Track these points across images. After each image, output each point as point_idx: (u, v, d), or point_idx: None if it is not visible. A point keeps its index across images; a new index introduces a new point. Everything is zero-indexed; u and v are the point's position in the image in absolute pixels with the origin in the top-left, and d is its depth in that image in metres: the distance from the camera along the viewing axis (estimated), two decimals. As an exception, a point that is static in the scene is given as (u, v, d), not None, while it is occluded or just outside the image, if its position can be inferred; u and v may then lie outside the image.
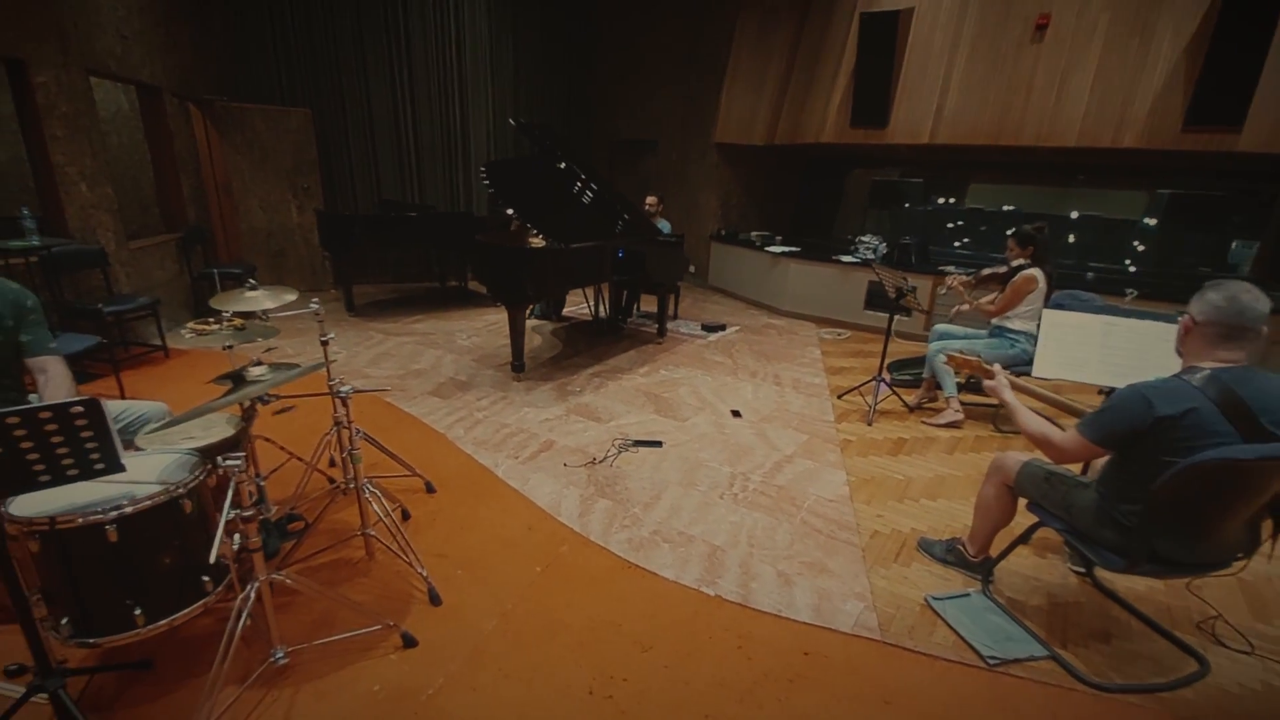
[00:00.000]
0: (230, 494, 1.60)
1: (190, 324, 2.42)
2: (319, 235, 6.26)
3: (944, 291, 4.02)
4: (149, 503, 1.60)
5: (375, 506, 2.29)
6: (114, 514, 1.54)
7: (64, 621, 1.59)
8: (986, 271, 3.79)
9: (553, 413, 3.84)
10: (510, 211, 4.57)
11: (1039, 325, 3.69)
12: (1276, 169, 4.99)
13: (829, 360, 5.21)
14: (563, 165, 4.58)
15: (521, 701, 1.80)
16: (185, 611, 1.69)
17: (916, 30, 5.81)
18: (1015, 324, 3.80)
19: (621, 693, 1.84)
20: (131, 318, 4.51)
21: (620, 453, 3.32)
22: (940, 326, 4.09)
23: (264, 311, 2.26)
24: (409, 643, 1.98)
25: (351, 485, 2.25)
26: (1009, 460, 2.24)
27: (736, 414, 3.94)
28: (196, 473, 1.75)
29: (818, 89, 6.61)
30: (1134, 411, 1.75)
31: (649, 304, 6.12)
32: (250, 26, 6.44)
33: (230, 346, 2.41)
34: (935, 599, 2.26)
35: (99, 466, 1.47)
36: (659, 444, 3.45)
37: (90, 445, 1.44)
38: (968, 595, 2.29)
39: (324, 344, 2.60)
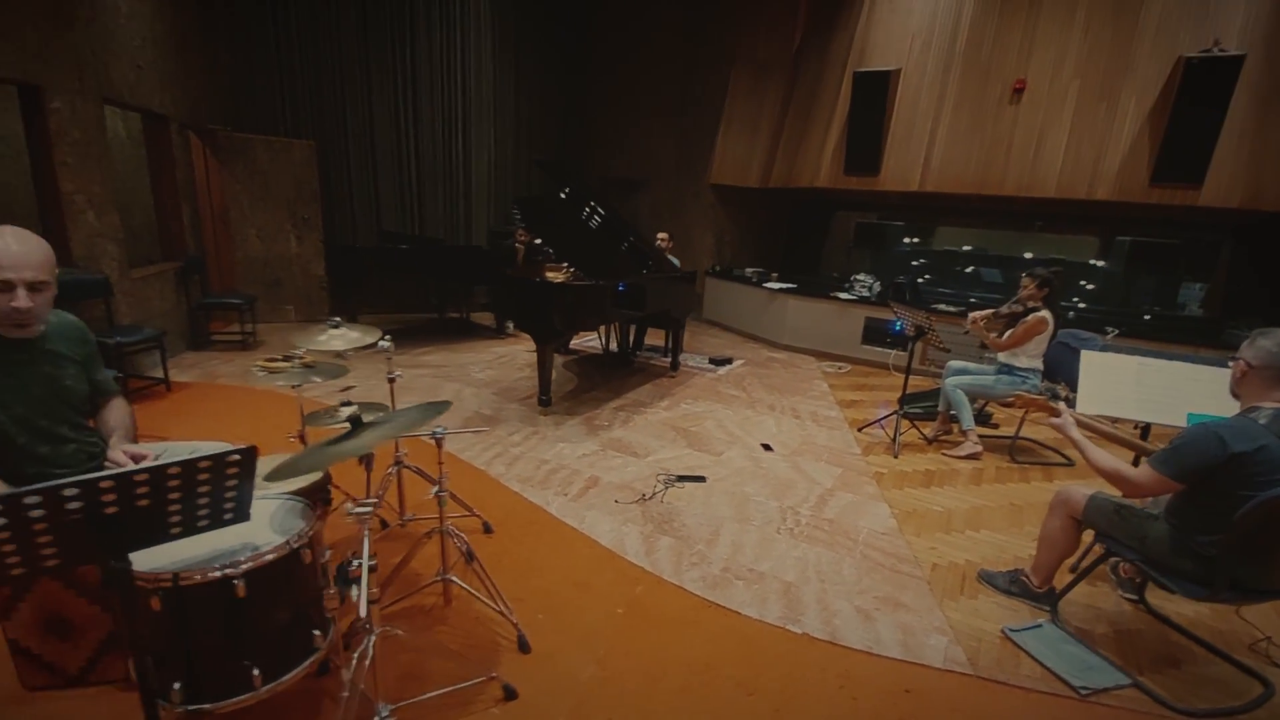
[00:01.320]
0: (365, 543, 1.56)
1: (260, 361, 2.34)
2: (328, 266, 6.14)
3: (966, 331, 4.22)
4: (273, 555, 1.54)
5: (456, 548, 2.24)
6: (245, 566, 1.48)
7: (175, 687, 1.48)
8: (1005, 309, 4.02)
9: (587, 448, 3.83)
10: (539, 242, 4.60)
11: (1043, 363, 3.98)
12: (1221, 218, 5.50)
13: (837, 394, 5.37)
14: (598, 208, 4.66)
15: (645, 748, 1.77)
16: (299, 669, 1.61)
17: (904, 89, 6.20)
18: (1023, 361, 4.01)
19: (739, 736, 1.83)
20: (137, 350, 4.31)
21: (667, 488, 3.34)
22: (954, 363, 4.28)
23: (349, 351, 2.22)
24: (509, 695, 1.92)
25: (404, 523, 2.18)
26: (1074, 494, 2.36)
27: (767, 447, 4.01)
28: (312, 521, 1.70)
29: (812, 137, 6.94)
30: (1208, 449, 1.89)
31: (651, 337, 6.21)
32: (258, 59, 6.40)
33: (298, 386, 2.35)
34: (1012, 631, 2.34)
35: (228, 516, 1.43)
36: (703, 479, 3.47)
37: (230, 494, 1.39)
38: (1040, 626, 2.38)
39: (391, 382, 2.58)
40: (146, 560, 1.46)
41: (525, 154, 8.64)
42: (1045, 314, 3.82)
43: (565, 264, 5.26)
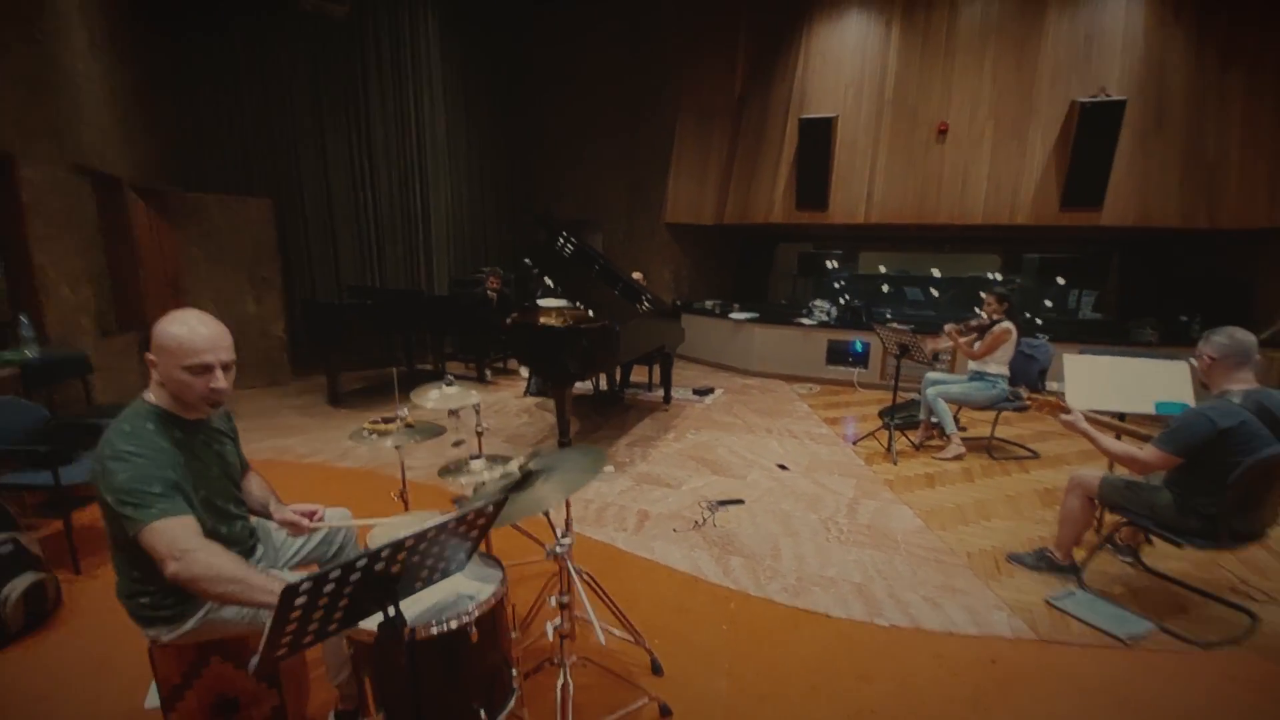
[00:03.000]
0: (576, 580, 1.69)
1: (367, 424, 2.39)
2: (303, 325, 5.97)
3: (945, 346, 4.74)
4: (493, 599, 1.64)
5: (577, 581, 2.35)
6: (476, 613, 1.57)
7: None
8: (974, 322, 4.57)
9: (623, 485, 3.98)
10: (549, 285, 4.75)
11: (1008, 368, 4.54)
12: (1114, 234, 6.48)
13: (818, 413, 5.79)
14: (597, 255, 4.90)
15: (805, 742, 1.96)
16: (511, 704, 1.71)
17: (843, 132, 6.90)
18: (992, 368, 4.57)
19: None
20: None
21: (714, 513, 3.55)
22: (931, 374, 4.78)
23: (461, 409, 2.31)
24: (665, 713, 2.06)
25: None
26: (1088, 477, 2.80)
27: (783, 467, 4.31)
28: (502, 567, 1.80)
29: (762, 177, 7.51)
30: (1202, 428, 2.35)
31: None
32: (206, 118, 6.23)
33: (399, 447, 2.41)
34: (1055, 600, 2.72)
35: (455, 567, 1.53)
36: (742, 501, 3.72)
37: (469, 545, 1.50)
38: (1074, 594, 2.77)
39: (479, 434, 2.68)
40: (371, 621, 1.53)
41: (482, 203, 8.76)
42: (1009, 325, 4.40)
43: (555, 309, 5.45)
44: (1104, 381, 3.27)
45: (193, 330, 1.57)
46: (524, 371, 7.16)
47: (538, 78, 9.15)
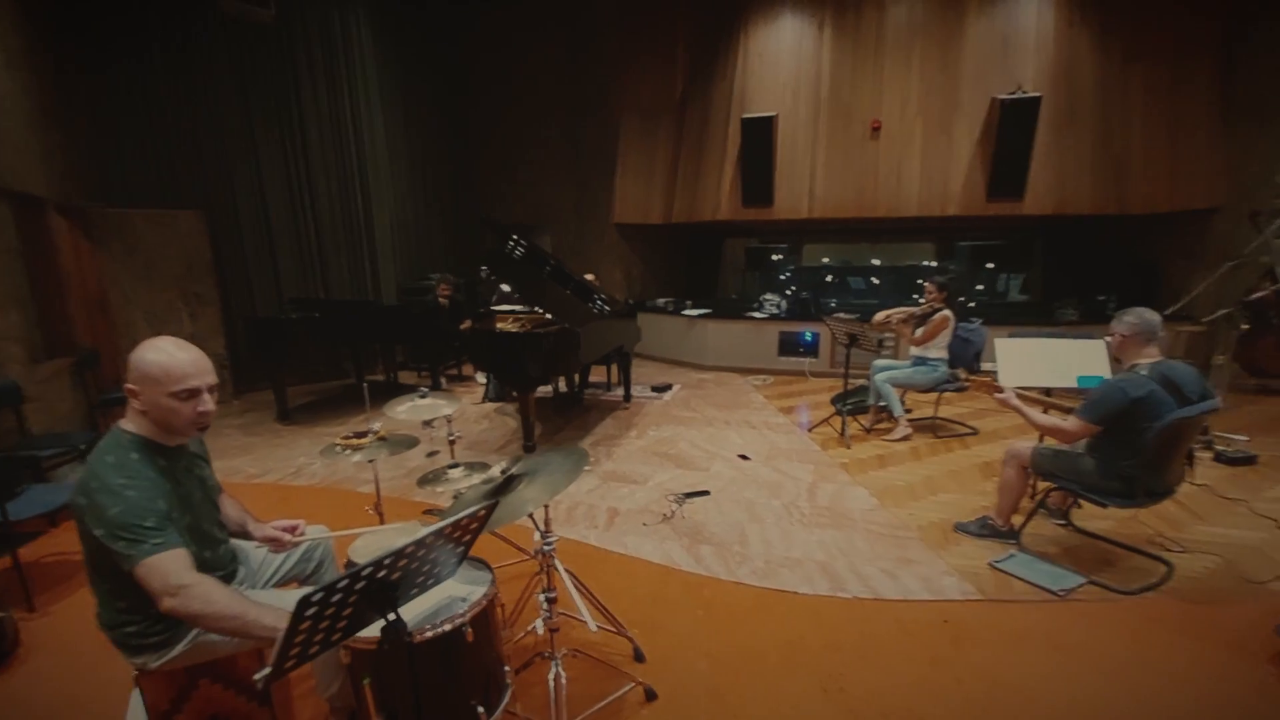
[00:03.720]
0: (565, 576, 1.76)
1: (339, 440, 2.40)
2: (247, 340, 5.78)
3: (891, 333, 5.00)
4: (485, 601, 1.70)
5: (562, 577, 2.42)
6: (470, 615, 1.63)
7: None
8: (919, 310, 4.84)
9: (590, 484, 4.06)
10: (505, 290, 4.77)
11: (948, 352, 4.84)
12: (1037, 222, 6.94)
13: (774, 403, 6.00)
14: (549, 258, 4.94)
15: (777, 713, 2.10)
16: (506, 699, 1.77)
17: (784, 131, 7.14)
18: (932, 353, 4.85)
19: (845, 686, 2.22)
20: (64, 461, 3.87)
21: (681, 506, 3.67)
22: (878, 362, 5.04)
23: (441, 419, 2.35)
24: (651, 696, 2.16)
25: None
26: (1021, 448, 3.05)
27: (745, 457, 4.48)
28: (490, 569, 1.86)
29: (708, 175, 7.69)
30: (1116, 398, 2.62)
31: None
32: (125, 129, 5.91)
33: (373, 461, 2.43)
34: (997, 562, 2.96)
35: (447, 572, 1.59)
36: (707, 493, 3.85)
37: (462, 550, 1.56)
38: (1014, 556, 3.02)
39: (451, 443, 2.72)
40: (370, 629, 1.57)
41: (427, 210, 8.64)
42: (948, 313, 4.69)
43: (511, 314, 5.48)
44: (1031, 360, 3.55)
45: (173, 356, 1.57)
46: (480, 378, 7.13)
47: (479, 80, 9.07)
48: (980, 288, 8.29)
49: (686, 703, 2.15)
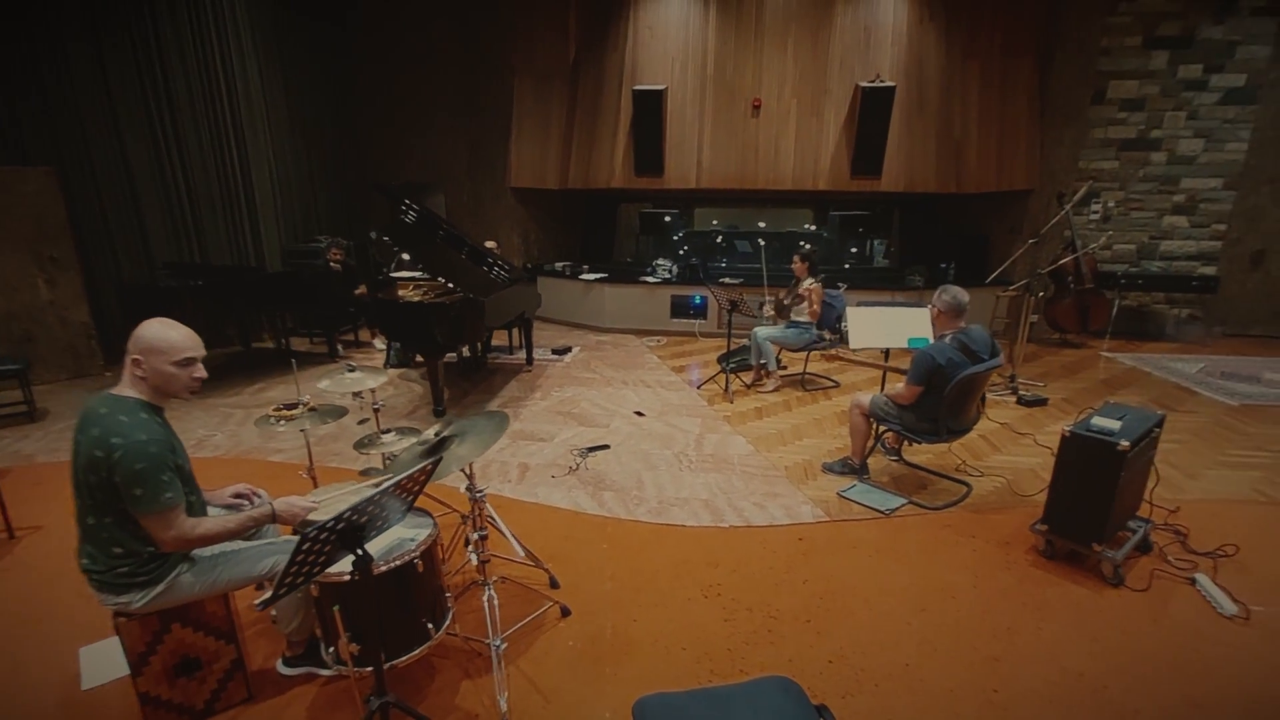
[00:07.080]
0: (497, 518, 2.13)
1: (272, 410, 2.59)
2: (124, 311, 5.43)
3: (769, 309, 5.63)
4: (430, 538, 2.05)
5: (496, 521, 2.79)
6: (420, 550, 1.98)
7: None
8: (800, 289, 5.48)
9: (501, 443, 4.38)
10: (409, 260, 4.85)
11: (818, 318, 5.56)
12: (893, 198, 7.88)
13: (667, 363, 6.55)
14: (443, 226, 5.05)
15: (673, 616, 2.63)
16: (449, 620, 2.15)
17: (672, 104, 7.51)
18: (803, 318, 5.56)
19: (721, 591, 2.79)
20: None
21: (585, 459, 4.11)
22: (759, 327, 5.69)
23: (371, 390, 2.58)
24: (565, 613, 2.62)
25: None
26: (863, 399, 3.74)
27: (640, 414, 4.98)
28: (432, 517, 2.20)
29: (602, 143, 7.94)
30: (926, 363, 3.33)
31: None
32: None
33: (305, 430, 2.64)
34: (842, 492, 3.67)
35: (396, 517, 1.92)
36: (608, 446, 4.32)
37: (409, 500, 1.89)
38: (855, 485, 3.75)
39: (376, 411, 2.98)
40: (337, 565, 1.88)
41: (311, 170, 8.23)
42: (819, 284, 5.38)
43: (411, 280, 5.57)
44: (875, 326, 4.28)
45: (173, 331, 1.85)
46: (379, 344, 7.11)
47: (372, 38, 8.63)
48: (854, 251, 9.26)
49: (595, 614, 2.62)
